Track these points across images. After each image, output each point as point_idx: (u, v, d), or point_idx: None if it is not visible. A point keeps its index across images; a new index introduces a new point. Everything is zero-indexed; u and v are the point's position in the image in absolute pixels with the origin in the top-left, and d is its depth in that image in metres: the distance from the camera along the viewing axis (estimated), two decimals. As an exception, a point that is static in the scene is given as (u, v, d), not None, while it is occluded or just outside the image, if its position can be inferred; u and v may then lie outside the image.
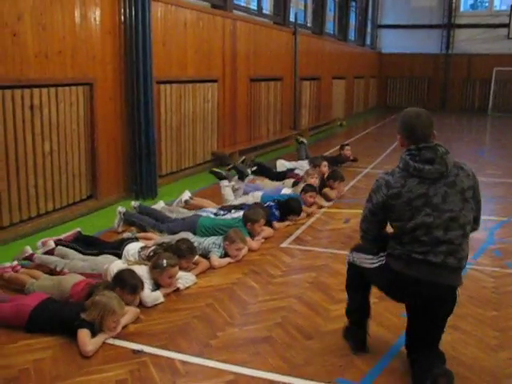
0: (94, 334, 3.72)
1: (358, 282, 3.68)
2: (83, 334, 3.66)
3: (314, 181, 7.75)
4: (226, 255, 5.41)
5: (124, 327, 3.94)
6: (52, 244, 5.20)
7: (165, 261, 4.53)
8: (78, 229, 5.69)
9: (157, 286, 4.56)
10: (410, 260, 3.23)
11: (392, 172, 3.33)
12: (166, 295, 4.50)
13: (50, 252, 5.10)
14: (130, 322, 4.03)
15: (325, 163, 8.67)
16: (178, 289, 4.64)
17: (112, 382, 3.34)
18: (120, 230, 6.08)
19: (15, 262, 4.80)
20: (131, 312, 4.08)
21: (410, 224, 3.20)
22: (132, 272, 4.32)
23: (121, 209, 6.20)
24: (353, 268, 3.70)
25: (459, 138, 15.57)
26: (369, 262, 3.51)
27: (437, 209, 3.18)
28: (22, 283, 4.45)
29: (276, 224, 6.50)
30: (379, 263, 3.43)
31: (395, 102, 26.01)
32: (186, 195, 7.11)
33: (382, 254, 3.43)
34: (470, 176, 3.28)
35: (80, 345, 3.62)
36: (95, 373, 3.42)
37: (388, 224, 3.42)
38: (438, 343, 3.39)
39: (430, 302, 3.26)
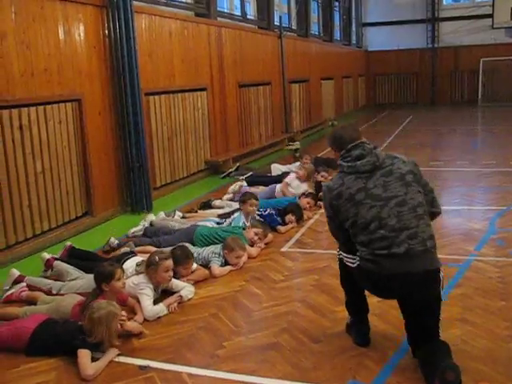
0: (101, 352, 3.64)
1: (348, 277, 3.68)
2: (84, 355, 3.54)
3: (303, 172, 7.85)
4: (226, 264, 5.35)
5: (128, 344, 3.87)
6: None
7: (156, 256, 4.54)
8: (69, 243, 5.61)
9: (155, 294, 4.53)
10: (377, 258, 3.23)
11: (331, 179, 3.58)
12: (169, 306, 4.43)
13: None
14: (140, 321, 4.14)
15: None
16: (180, 299, 4.56)
17: (119, 400, 3.27)
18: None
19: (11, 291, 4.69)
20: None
21: (361, 220, 3.27)
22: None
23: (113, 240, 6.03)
24: (342, 264, 3.70)
25: (452, 130, 15.52)
26: (350, 261, 3.50)
27: (380, 199, 3.26)
28: (15, 315, 4.21)
29: (282, 228, 6.47)
30: (357, 263, 3.41)
31: (385, 99, 26.07)
32: (178, 215, 6.97)
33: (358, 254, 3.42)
34: (406, 162, 3.41)
35: (81, 368, 3.49)
36: (102, 392, 3.35)
37: None
38: (437, 333, 3.32)
39: (414, 292, 3.23)
